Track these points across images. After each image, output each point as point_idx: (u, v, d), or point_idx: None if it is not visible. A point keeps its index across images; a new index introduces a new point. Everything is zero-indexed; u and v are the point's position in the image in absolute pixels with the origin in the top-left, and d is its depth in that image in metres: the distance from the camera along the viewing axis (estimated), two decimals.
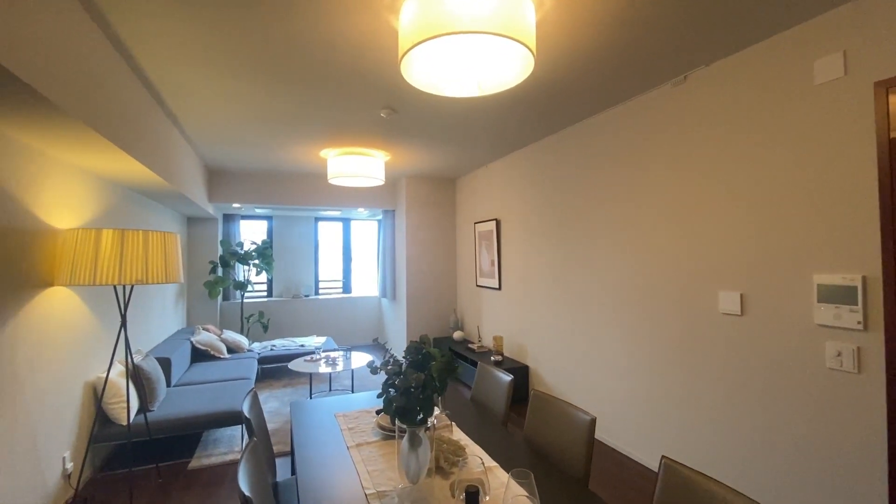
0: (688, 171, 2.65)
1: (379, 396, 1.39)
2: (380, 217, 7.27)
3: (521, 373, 4.26)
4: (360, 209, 6.13)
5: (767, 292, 2.22)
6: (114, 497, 2.62)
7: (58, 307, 2.41)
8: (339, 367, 4.22)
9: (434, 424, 1.90)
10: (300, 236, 7.08)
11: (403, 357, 1.47)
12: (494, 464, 1.66)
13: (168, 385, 3.76)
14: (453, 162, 4.95)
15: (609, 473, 2.84)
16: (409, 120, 3.41)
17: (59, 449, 2.41)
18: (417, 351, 1.43)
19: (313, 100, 2.96)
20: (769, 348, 2.21)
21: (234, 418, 3.16)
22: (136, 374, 3.15)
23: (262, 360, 5.00)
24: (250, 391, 2.02)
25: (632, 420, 3.06)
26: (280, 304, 6.65)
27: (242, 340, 5.28)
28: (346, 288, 7.43)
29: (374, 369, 1.44)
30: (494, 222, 4.89)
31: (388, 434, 1.83)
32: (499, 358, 4.39)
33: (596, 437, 3.37)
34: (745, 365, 2.33)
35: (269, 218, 6.94)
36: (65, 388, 2.48)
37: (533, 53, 1.73)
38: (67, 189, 2.50)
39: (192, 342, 4.70)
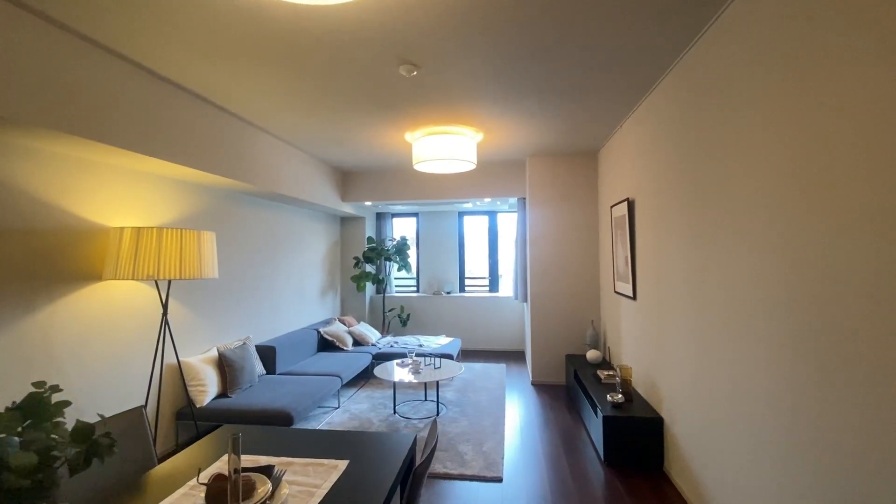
0: None
1: None
2: None
3: (651, 428, 2.84)
4: (487, 199, 5.46)
5: None
6: None
7: (120, 298, 2.74)
8: (423, 377, 3.74)
9: None
10: (445, 232, 6.91)
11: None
12: None
13: (273, 372, 4.06)
14: (575, 128, 3.76)
15: None
16: (448, 74, 2.62)
17: None
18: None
19: (324, 74, 2.56)
20: None
21: (280, 418, 3.08)
22: (220, 361, 3.46)
23: (378, 356, 4.97)
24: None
25: None
26: (422, 300, 6.63)
27: (369, 334, 5.41)
28: (494, 286, 6.87)
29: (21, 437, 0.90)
30: (626, 204, 3.48)
31: None
32: (618, 398, 3.05)
33: None
34: None
35: (415, 215, 7.02)
36: (131, 370, 2.82)
37: None
38: (126, 191, 2.83)
39: (319, 332, 5.05)
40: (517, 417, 3.79)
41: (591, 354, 4.17)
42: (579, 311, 4.71)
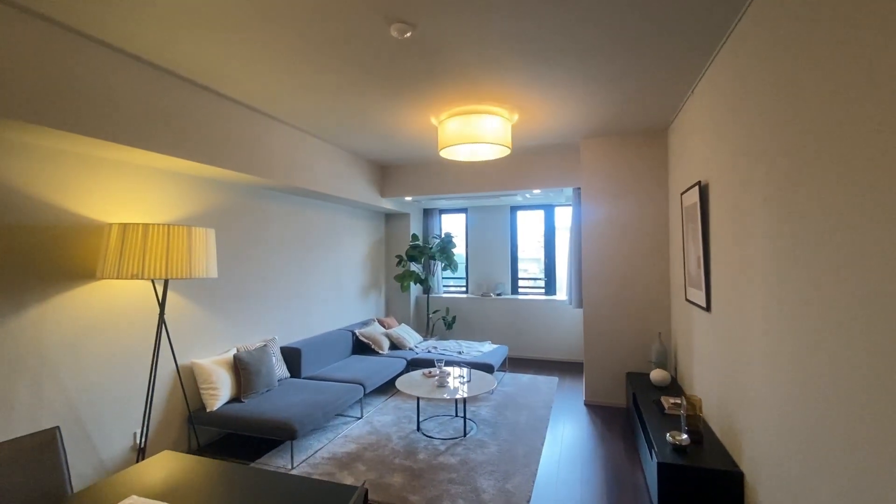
0: None
1: None
2: None
3: (725, 485, 2.12)
4: (536, 191, 4.84)
5: None
6: None
7: (119, 297, 2.66)
8: (448, 393, 3.30)
9: None
10: (496, 228, 6.38)
11: None
12: None
13: (297, 376, 3.87)
14: (633, 98, 3.06)
15: None
16: (453, 32, 2.15)
17: (128, 425, 2.68)
18: None
19: (314, 46, 2.23)
20: None
21: (284, 431, 2.82)
22: (234, 364, 3.31)
23: (414, 362, 4.61)
24: None
25: None
26: (471, 301, 6.17)
27: (408, 337, 5.08)
28: (550, 289, 6.19)
29: None
30: (697, 189, 2.72)
31: None
32: (681, 439, 2.35)
33: None
34: None
35: (464, 210, 6.57)
36: (132, 372, 2.73)
37: None
38: (132, 187, 2.74)
39: (355, 333, 4.82)
40: (559, 446, 3.19)
41: (657, 375, 3.42)
42: (644, 321, 3.94)
